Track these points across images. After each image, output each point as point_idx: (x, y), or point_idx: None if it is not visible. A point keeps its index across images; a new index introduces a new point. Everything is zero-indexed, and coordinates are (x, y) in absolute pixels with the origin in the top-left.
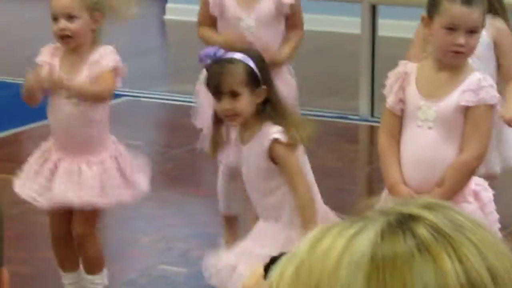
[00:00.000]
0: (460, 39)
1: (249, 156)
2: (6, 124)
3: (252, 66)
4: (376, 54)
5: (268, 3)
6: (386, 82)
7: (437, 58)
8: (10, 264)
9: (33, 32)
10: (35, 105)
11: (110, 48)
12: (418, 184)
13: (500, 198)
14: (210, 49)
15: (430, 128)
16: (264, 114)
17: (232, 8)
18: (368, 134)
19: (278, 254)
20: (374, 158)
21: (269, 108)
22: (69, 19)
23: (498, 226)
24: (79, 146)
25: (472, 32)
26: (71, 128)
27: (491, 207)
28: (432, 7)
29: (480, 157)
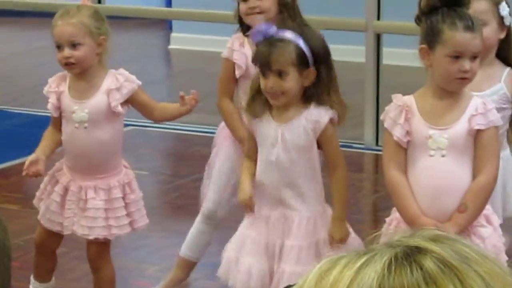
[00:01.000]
0: (466, 65)
1: (288, 135)
2: (12, 154)
3: (303, 47)
4: (381, 83)
5: None
6: (383, 116)
7: (439, 86)
8: None
9: (39, 59)
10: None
11: (121, 70)
12: (435, 213)
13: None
14: (262, 25)
15: (443, 156)
16: (309, 95)
17: None
18: (373, 163)
19: (286, 286)
20: (379, 186)
21: (314, 89)
22: (73, 47)
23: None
24: (89, 168)
25: (475, 57)
26: (82, 150)
27: (500, 231)
28: (432, 37)
29: (496, 178)
